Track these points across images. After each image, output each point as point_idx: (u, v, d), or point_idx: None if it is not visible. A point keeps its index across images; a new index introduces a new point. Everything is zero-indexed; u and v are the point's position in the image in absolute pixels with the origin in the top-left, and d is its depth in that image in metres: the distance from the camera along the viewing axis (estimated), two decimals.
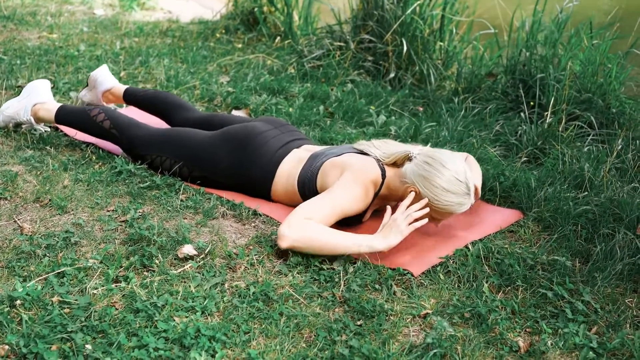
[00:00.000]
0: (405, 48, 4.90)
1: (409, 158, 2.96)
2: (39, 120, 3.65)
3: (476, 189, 3.08)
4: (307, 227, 2.74)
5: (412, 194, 2.86)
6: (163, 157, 3.29)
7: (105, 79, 3.99)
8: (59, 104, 3.63)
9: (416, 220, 2.83)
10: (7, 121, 3.68)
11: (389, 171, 2.98)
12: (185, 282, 2.54)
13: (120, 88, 3.97)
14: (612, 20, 4.49)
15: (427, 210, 2.83)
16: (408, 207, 2.83)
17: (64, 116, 3.57)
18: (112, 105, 4.12)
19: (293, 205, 3.12)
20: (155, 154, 3.31)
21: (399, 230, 2.79)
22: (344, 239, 2.75)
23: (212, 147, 3.22)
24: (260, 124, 3.28)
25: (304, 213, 2.78)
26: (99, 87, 3.99)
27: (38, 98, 3.66)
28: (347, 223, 2.99)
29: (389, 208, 2.85)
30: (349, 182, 2.89)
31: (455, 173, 2.82)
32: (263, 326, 2.34)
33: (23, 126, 3.68)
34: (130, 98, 3.93)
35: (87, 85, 4.09)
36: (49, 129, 3.72)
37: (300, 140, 3.30)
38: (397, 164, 3.00)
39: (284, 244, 2.71)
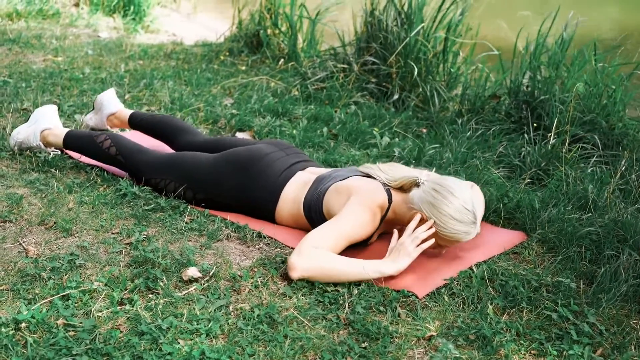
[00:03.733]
0: (409, 70, 4.92)
1: (416, 184, 2.96)
2: (48, 145, 3.71)
3: None
4: (316, 256, 2.74)
5: (418, 216, 2.86)
6: (167, 180, 3.31)
7: (110, 102, 4.03)
8: (67, 129, 3.68)
9: (423, 241, 2.84)
10: (18, 146, 3.74)
11: (396, 195, 2.99)
12: (189, 304, 2.54)
13: (126, 112, 4.00)
14: (617, 44, 4.50)
15: (433, 230, 2.84)
16: (414, 229, 2.84)
17: (72, 141, 3.63)
18: (116, 130, 4.14)
19: (298, 227, 3.13)
20: (160, 178, 3.33)
21: (407, 252, 2.80)
22: (353, 266, 2.75)
23: (216, 169, 3.23)
24: (264, 146, 3.29)
25: (312, 242, 2.78)
26: (104, 110, 4.02)
27: (46, 124, 3.72)
28: (353, 245, 2.99)
29: (395, 232, 2.86)
30: (355, 208, 2.90)
31: (464, 202, 2.83)
32: (268, 348, 2.34)
33: (33, 151, 3.72)
34: (135, 122, 3.96)
35: (94, 109, 4.12)
36: (59, 152, 3.75)
37: (304, 162, 3.31)
38: (403, 188, 3.01)
39: (295, 274, 2.72)
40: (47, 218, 3.06)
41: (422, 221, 2.87)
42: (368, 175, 3.09)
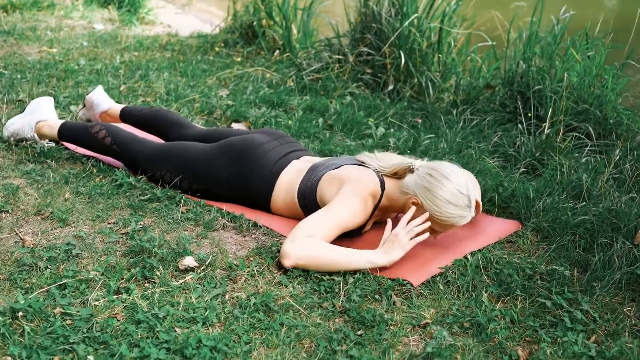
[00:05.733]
0: (403, 60, 4.93)
1: (410, 170, 2.97)
2: (42, 136, 3.72)
3: (477, 204, 3.10)
4: (309, 244, 2.75)
5: (413, 208, 2.86)
6: (163, 171, 3.32)
7: (101, 101, 4.04)
8: (62, 121, 3.69)
9: (418, 235, 2.84)
10: (12, 136, 3.75)
11: (389, 182, 2.99)
12: (186, 293, 2.55)
13: (117, 108, 4.00)
14: (605, 33, 4.51)
15: (428, 224, 2.85)
16: (409, 221, 2.85)
17: (67, 133, 3.64)
18: None
19: (292, 216, 3.14)
20: (156, 168, 3.33)
21: (401, 245, 2.80)
22: (346, 256, 2.76)
23: (211, 159, 3.24)
24: (259, 136, 3.30)
25: (305, 230, 2.79)
26: (95, 108, 4.04)
27: (41, 115, 3.73)
28: (347, 234, 3.00)
29: (389, 222, 2.86)
30: (348, 196, 2.90)
31: (458, 185, 2.83)
32: (264, 336, 2.35)
33: (27, 142, 3.72)
34: (127, 118, 3.95)
35: (85, 106, 4.14)
36: (53, 144, 3.76)
37: (299, 151, 3.32)
38: (397, 175, 3.01)
39: (288, 262, 2.73)
40: (44, 208, 3.07)
41: (418, 212, 2.87)
42: (362, 164, 3.09)
